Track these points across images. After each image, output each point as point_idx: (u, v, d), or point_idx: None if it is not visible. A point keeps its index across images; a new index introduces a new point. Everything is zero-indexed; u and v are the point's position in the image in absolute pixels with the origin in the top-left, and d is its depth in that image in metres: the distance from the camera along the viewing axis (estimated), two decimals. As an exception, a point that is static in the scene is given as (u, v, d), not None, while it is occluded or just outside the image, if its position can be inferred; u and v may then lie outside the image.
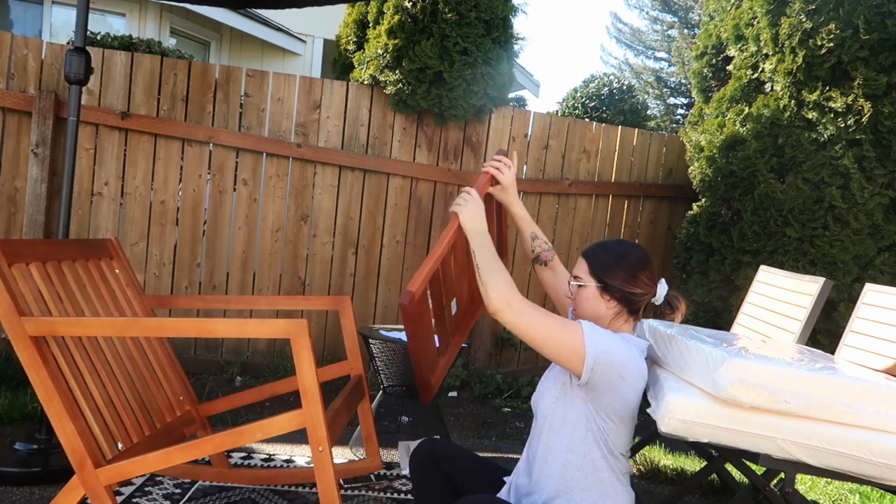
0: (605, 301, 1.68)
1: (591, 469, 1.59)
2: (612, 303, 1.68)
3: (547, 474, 1.63)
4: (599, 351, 1.51)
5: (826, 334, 3.33)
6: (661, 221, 4.68)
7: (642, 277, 1.69)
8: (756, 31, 3.61)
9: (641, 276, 1.68)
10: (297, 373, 1.52)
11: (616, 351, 1.53)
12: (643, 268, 1.69)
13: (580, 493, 1.58)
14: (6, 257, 1.61)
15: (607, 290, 1.67)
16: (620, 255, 1.70)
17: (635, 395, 1.58)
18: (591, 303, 1.69)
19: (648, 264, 1.71)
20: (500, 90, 3.90)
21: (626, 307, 1.68)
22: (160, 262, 3.64)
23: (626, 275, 1.67)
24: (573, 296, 1.74)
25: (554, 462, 1.62)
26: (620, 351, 1.54)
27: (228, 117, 3.67)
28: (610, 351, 1.52)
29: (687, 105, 15.98)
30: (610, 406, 1.56)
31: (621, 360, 1.53)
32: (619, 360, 1.53)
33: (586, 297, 1.69)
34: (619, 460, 1.61)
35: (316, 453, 1.54)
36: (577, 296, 1.72)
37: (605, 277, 1.67)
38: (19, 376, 3.15)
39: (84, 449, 1.56)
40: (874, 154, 3.20)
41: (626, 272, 1.67)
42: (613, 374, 1.53)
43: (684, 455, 3.15)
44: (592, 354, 1.51)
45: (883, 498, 2.77)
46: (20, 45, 3.39)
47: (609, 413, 1.57)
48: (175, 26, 6.79)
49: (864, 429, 1.69)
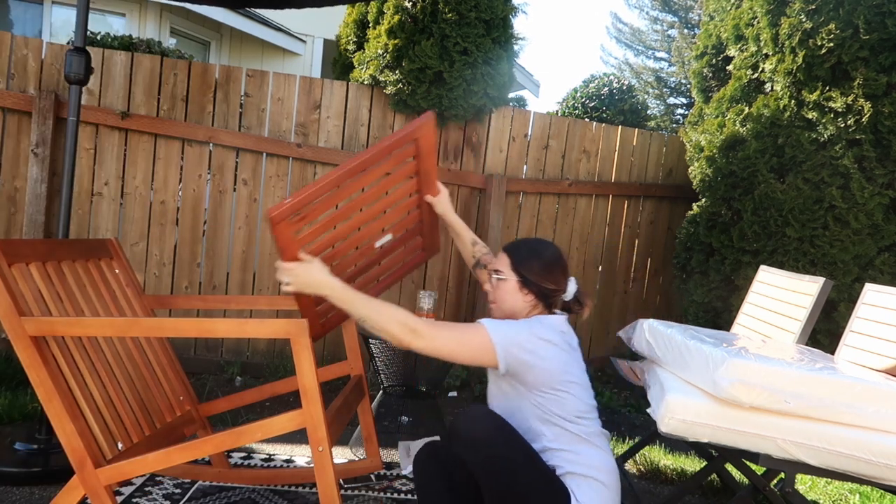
0: (524, 295, 1.81)
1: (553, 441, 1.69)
2: (530, 297, 1.81)
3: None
4: (505, 340, 1.65)
5: (826, 334, 3.33)
6: (661, 221, 4.68)
7: (557, 274, 1.82)
8: (756, 31, 3.61)
9: (556, 273, 1.82)
10: (297, 373, 1.52)
11: (518, 333, 1.67)
12: (557, 265, 1.83)
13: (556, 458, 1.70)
14: (6, 257, 1.61)
15: (526, 285, 1.80)
16: (539, 252, 1.83)
17: (559, 363, 1.69)
18: (511, 296, 1.81)
19: (562, 262, 1.85)
20: (500, 90, 3.90)
21: (542, 301, 1.82)
22: (160, 262, 3.64)
23: (543, 270, 1.80)
24: (494, 289, 1.86)
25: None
26: (522, 332, 1.68)
27: (228, 117, 3.67)
28: (513, 335, 1.66)
29: (687, 105, 15.98)
30: (538, 381, 1.68)
31: (526, 338, 1.67)
32: (524, 339, 1.66)
33: (506, 291, 1.82)
34: (579, 423, 1.70)
35: (316, 453, 1.54)
36: (497, 289, 1.84)
37: (525, 272, 1.80)
38: (19, 376, 3.15)
39: (84, 449, 1.56)
40: (874, 154, 3.20)
41: (544, 268, 1.80)
42: (524, 354, 1.66)
43: (684, 455, 3.15)
44: (500, 344, 1.65)
45: (883, 498, 2.77)
46: (20, 45, 3.39)
47: (540, 388, 1.69)
48: (175, 26, 6.79)
49: (864, 429, 1.69)
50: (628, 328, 2.35)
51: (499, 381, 1.78)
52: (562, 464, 1.68)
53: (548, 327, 1.73)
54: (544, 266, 1.80)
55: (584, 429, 1.71)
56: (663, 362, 2.06)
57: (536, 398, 1.69)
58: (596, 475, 1.67)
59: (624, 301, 4.63)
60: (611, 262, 4.55)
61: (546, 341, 1.69)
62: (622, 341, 2.41)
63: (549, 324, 1.75)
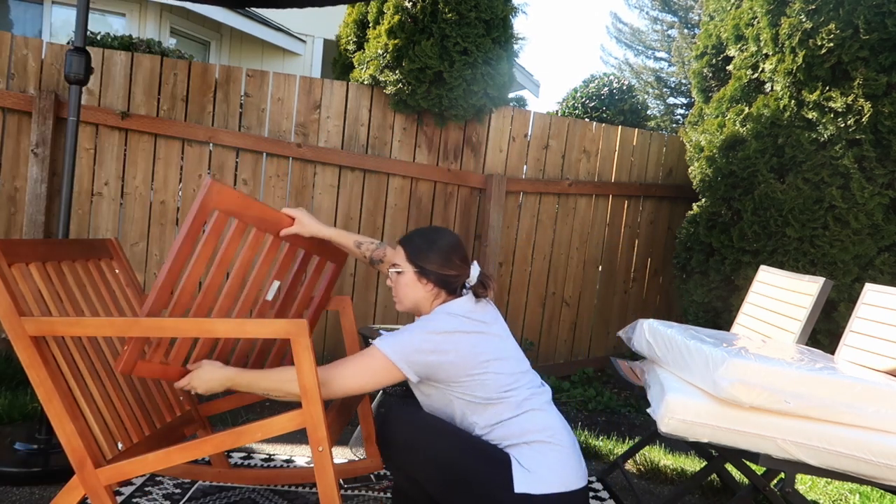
0: (423, 285, 1.80)
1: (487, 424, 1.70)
2: (430, 286, 1.80)
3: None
4: (402, 353, 1.65)
5: (826, 334, 3.33)
6: (661, 221, 4.68)
7: (455, 260, 1.81)
8: (756, 31, 3.61)
9: (454, 259, 1.81)
10: (297, 373, 1.52)
11: (412, 339, 1.66)
12: (455, 251, 1.82)
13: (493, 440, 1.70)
14: (6, 257, 1.61)
15: (424, 275, 1.79)
16: (434, 240, 1.81)
17: (467, 349, 1.69)
18: (411, 288, 1.81)
19: (460, 247, 1.84)
20: (500, 90, 3.90)
21: (444, 288, 1.81)
22: (160, 262, 3.64)
23: (441, 259, 1.79)
24: (394, 284, 1.85)
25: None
26: (416, 336, 1.67)
27: (228, 117, 3.67)
28: (408, 344, 1.66)
29: (687, 105, 15.98)
30: (451, 374, 1.69)
31: (422, 340, 1.66)
32: (420, 342, 1.66)
33: (405, 283, 1.81)
34: (508, 397, 1.71)
35: (316, 453, 1.54)
36: (396, 283, 1.83)
37: (422, 262, 1.79)
38: (19, 376, 3.15)
39: (84, 449, 1.56)
40: (874, 154, 3.20)
41: (440, 256, 1.79)
42: (427, 356, 1.66)
43: (684, 455, 3.15)
44: (400, 358, 1.64)
45: (883, 498, 2.77)
46: (20, 45, 3.39)
47: (457, 379, 1.69)
48: (175, 26, 6.79)
49: (864, 429, 1.69)
50: (628, 328, 2.35)
51: (418, 387, 1.78)
52: (500, 440, 1.69)
53: (445, 318, 1.73)
54: (440, 254, 1.80)
55: (514, 400, 1.71)
56: (663, 362, 2.07)
57: (458, 389, 1.70)
58: (535, 437, 1.68)
59: (624, 301, 4.63)
60: (611, 262, 4.55)
61: (445, 333, 1.69)
62: (622, 341, 2.41)
63: (448, 313, 1.74)
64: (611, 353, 4.59)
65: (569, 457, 1.70)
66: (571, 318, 4.45)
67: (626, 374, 2.59)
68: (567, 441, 1.73)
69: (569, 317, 4.44)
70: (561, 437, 1.72)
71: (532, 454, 1.66)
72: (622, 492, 2.63)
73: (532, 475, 1.63)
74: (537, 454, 1.66)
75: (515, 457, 1.66)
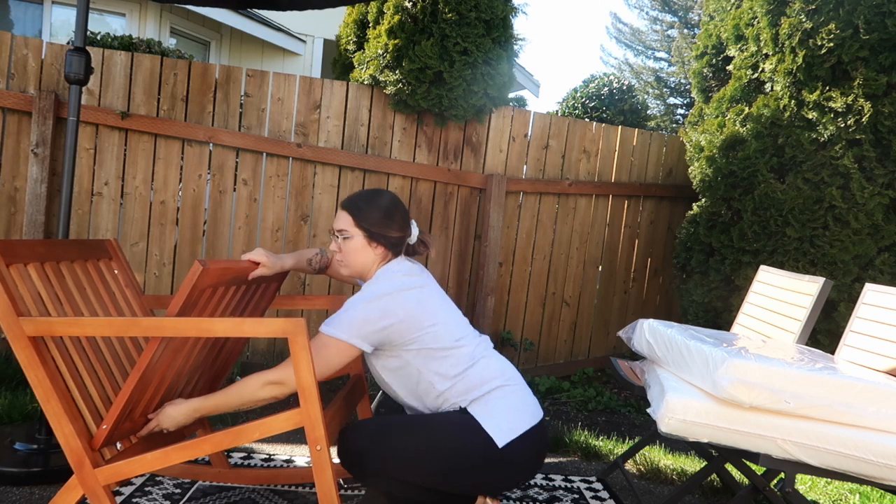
0: (374, 248, 1.81)
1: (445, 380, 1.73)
2: (379, 248, 1.81)
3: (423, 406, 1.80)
4: (351, 330, 1.67)
5: (826, 334, 3.33)
6: (661, 221, 4.68)
7: (399, 220, 1.82)
8: (756, 31, 3.60)
9: (398, 219, 1.82)
10: (294, 372, 1.52)
11: (357, 313, 1.68)
12: (397, 210, 1.83)
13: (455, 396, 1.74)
14: (4, 258, 1.61)
15: (373, 238, 1.80)
16: (376, 201, 1.82)
17: (414, 305, 1.72)
18: (360, 253, 1.81)
19: (400, 205, 1.85)
20: (500, 90, 3.90)
21: (391, 251, 1.82)
22: (160, 262, 3.64)
23: (386, 219, 1.80)
24: (341, 250, 1.83)
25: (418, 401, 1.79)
26: (359, 308, 1.68)
27: (228, 117, 3.67)
28: (354, 319, 1.67)
29: (687, 105, 15.98)
30: (405, 333, 1.72)
31: (366, 310, 1.68)
32: (366, 312, 1.68)
33: (354, 249, 1.81)
34: (460, 346, 1.75)
35: (314, 453, 1.54)
36: (345, 250, 1.82)
37: (369, 225, 1.80)
38: (19, 376, 3.15)
39: (82, 449, 1.56)
40: (874, 154, 3.20)
41: (385, 216, 1.80)
42: (377, 323, 1.68)
43: (684, 455, 3.15)
44: (350, 336, 1.66)
45: (883, 498, 2.77)
46: (20, 45, 3.39)
47: (411, 335, 1.72)
48: (175, 26, 6.79)
49: (864, 429, 1.69)
50: (628, 328, 2.35)
51: (376, 359, 1.80)
52: (464, 393, 1.72)
53: (385, 281, 1.75)
54: (385, 214, 1.81)
55: (466, 350, 1.75)
56: (663, 362, 2.06)
57: (413, 346, 1.72)
58: (496, 384, 1.74)
59: (624, 301, 4.63)
60: (611, 262, 4.55)
61: (388, 295, 1.71)
62: (622, 341, 2.41)
63: (387, 277, 1.77)
64: (611, 353, 4.59)
65: (526, 392, 1.79)
66: (571, 318, 4.45)
67: (626, 374, 2.59)
68: (519, 378, 1.81)
69: (569, 317, 4.44)
70: (514, 376, 1.80)
71: (494, 403, 1.71)
72: (622, 492, 2.63)
73: (504, 422, 1.69)
74: (502, 400, 1.72)
75: (479, 415, 1.69)
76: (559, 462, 2.91)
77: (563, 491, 2.56)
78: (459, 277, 4.07)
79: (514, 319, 4.24)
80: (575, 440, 3.13)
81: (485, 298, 3.99)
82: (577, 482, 2.67)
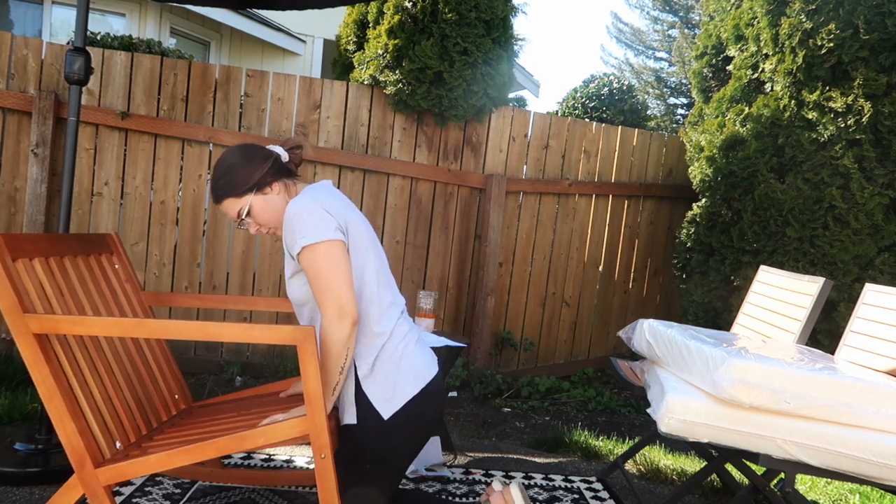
0: (270, 193, 1.77)
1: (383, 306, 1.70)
2: (273, 187, 1.77)
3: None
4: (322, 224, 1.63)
5: (826, 334, 3.33)
6: (661, 221, 4.68)
7: (253, 156, 1.77)
8: (756, 31, 3.61)
9: (257, 158, 1.77)
10: (302, 379, 1.52)
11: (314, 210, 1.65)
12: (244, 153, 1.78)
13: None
14: (10, 252, 1.60)
15: (259, 186, 1.75)
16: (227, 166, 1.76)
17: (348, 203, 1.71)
18: (267, 208, 1.77)
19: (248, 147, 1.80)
20: (500, 90, 3.90)
21: (280, 178, 1.78)
22: (160, 262, 3.64)
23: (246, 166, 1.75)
24: (260, 224, 1.79)
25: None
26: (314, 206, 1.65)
27: (228, 117, 3.67)
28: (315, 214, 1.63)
29: (687, 105, 15.98)
30: (360, 222, 1.72)
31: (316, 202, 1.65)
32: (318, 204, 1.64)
33: (261, 209, 1.77)
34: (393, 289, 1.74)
35: (318, 461, 1.54)
36: (259, 219, 1.78)
37: (245, 184, 1.74)
38: (19, 376, 3.15)
39: (84, 448, 1.56)
40: (874, 154, 3.20)
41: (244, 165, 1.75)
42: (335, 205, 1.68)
43: (684, 455, 3.15)
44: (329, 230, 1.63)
45: (883, 498, 2.77)
46: (20, 45, 3.39)
47: (366, 226, 1.73)
48: (175, 26, 6.78)
49: (864, 429, 1.69)
50: (628, 328, 2.35)
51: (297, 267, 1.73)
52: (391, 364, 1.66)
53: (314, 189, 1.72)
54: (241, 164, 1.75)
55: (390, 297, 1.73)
56: (663, 362, 2.07)
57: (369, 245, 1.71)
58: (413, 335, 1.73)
59: (624, 301, 4.63)
60: (611, 262, 4.55)
61: (322, 189, 1.71)
62: (622, 341, 2.41)
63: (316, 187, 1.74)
64: (611, 353, 4.59)
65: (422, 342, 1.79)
66: (571, 318, 4.45)
67: (626, 374, 2.59)
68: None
69: (569, 317, 4.44)
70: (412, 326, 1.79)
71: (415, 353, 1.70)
72: (622, 492, 2.63)
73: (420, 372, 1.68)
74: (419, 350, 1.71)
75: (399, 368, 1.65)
76: (559, 462, 2.91)
77: (563, 491, 2.57)
78: (459, 277, 4.07)
79: (514, 319, 4.24)
80: (575, 440, 3.14)
81: (485, 298, 3.99)
82: (577, 482, 2.67)
